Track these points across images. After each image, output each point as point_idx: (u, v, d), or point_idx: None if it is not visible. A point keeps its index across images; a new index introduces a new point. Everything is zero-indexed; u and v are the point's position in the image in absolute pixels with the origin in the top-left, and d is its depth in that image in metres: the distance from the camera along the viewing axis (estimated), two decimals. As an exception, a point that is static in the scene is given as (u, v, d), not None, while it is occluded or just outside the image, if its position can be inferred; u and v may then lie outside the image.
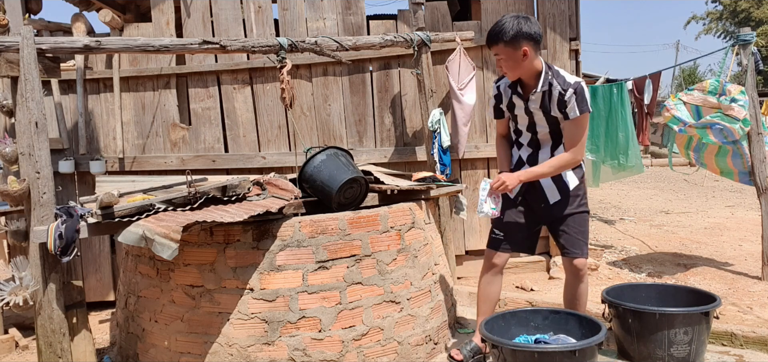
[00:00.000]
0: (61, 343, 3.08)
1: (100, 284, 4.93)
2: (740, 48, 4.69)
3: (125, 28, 4.99)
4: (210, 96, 5.01)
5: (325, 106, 4.98)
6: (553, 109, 3.02)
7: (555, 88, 2.98)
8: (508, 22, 2.92)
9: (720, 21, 29.61)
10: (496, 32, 2.94)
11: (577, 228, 3.16)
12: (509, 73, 3.03)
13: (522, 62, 2.95)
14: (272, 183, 3.49)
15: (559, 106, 2.99)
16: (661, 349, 3.11)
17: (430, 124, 4.44)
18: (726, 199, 9.41)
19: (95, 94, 5.03)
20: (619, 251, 5.89)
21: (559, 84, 2.99)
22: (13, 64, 3.12)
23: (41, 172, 3.06)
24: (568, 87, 2.97)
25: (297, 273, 3.03)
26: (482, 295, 3.35)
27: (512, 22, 2.91)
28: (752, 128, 4.51)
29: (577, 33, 4.79)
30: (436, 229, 3.83)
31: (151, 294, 3.28)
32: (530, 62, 2.96)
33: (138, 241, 2.71)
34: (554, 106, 3.01)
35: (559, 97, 2.98)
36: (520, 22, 2.90)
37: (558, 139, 3.13)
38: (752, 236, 6.16)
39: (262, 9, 4.90)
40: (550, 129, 3.10)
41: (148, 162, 5.00)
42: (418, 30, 4.50)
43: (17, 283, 3.03)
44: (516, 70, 3.00)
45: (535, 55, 2.97)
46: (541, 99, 3.03)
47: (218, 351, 3.01)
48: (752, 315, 3.86)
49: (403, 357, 3.22)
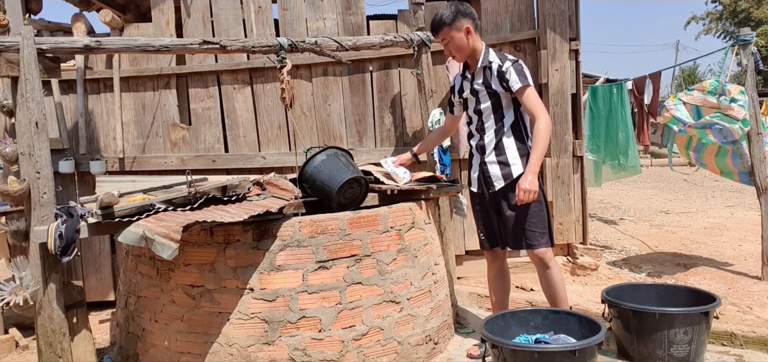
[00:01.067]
0: (62, 343, 3.09)
1: (100, 284, 4.93)
2: (740, 48, 4.69)
3: (125, 28, 4.99)
4: (210, 96, 5.01)
5: (325, 106, 4.98)
6: (494, 83, 3.24)
7: (494, 63, 3.24)
8: (445, 9, 3.25)
9: (720, 21, 29.60)
10: (438, 20, 3.26)
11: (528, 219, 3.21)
12: (457, 54, 3.32)
13: (467, 41, 3.24)
14: (272, 184, 3.49)
15: (500, 80, 3.22)
16: (661, 349, 3.12)
17: (430, 124, 4.43)
18: (726, 199, 9.41)
19: (95, 94, 5.03)
20: (619, 251, 5.89)
21: (498, 59, 3.25)
22: (14, 64, 3.12)
23: (41, 172, 3.06)
24: (506, 60, 3.23)
25: (297, 273, 3.03)
26: (490, 290, 3.59)
27: (449, 7, 3.25)
28: (752, 128, 4.51)
29: (577, 33, 4.79)
30: (436, 229, 3.83)
31: (151, 294, 3.28)
32: (474, 40, 3.26)
33: (138, 241, 2.71)
34: (495, 81, 3.23)
35: (498, 71, 3.22)
36: (457, 5, 3.25)
37: (499, 115, 3.28)
38: (752, 236, 6.17)
39: (262, 9, 4.90)
40: (491, 104, 3.27)
41: (148, 162, 5.00)
42: (418, 30, 4.50)
43: (17, 283, 3.03)
44: (463, 51, 3.28)
45: (476, 34, 3.28)
46: (482, 75, 3.28)
47: (218, 351, 3.01)
48: (752, 315, 3.86)
49: (403, 357, 3.22)
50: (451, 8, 3.25)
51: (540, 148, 3.11)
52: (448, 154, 4.51)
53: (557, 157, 4.80)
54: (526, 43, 4.87)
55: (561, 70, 4.73)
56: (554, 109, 4.74)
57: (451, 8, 3.25)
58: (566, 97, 4.75)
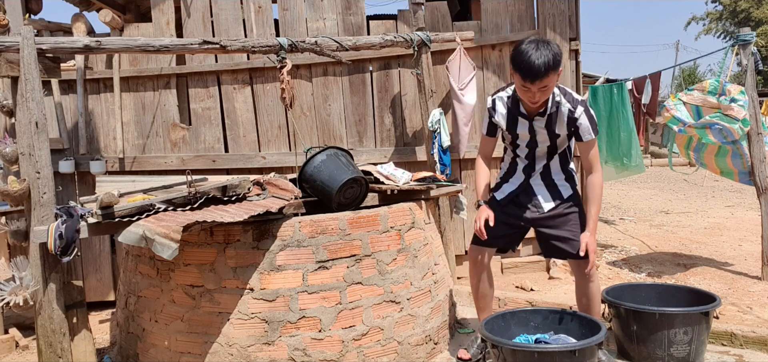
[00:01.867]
0: (62, 343, 3.08)
1: (100, 284, 4.93)
2: (740, 48, 4.69)
3: (125, 28, 4.99)
4: (210, 96, 5.01)
5: (325, 106, 4.98)
6: (560, 128, 2.99)
7: (563, 106, 2.95)
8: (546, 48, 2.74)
9: (720, 21, 29.59)
10: (547, 63, 2.71)
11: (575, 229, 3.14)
12: (542, 99, 2.87)
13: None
14: (272, 183, 3.49)
15: (569, 125, 2.97)
16: (661, 349, 3.11)
17: (430, 124, 4.44)
18: (726, 199, 9.41)
19: (95, 94, 5.03)
20: (619, 251, 5.89)
21: (567, 102, 2.95)
22: (14, 64, 3.12)
23: (41, 172, 3.06)
24: (577, 105, 2.94)
25: (297, 273, 3.03)
26: (479, 294, 3.41)
27: (547, 46, 2.75)
28: (752, 128, 4.51)
29: (577, 33, 4.79)
30: (436, 229, 3.83)
31: (151, 294, 3.28)
32: None
33: (138, 241, 2.71)
34: (563, 127, 2.98)
35: (569, 117, 2.94)
36: (549, 44, 2.77)
37: (553, 152, 3.12)
38: (752, 236, 6.16)
39: (262, 9, 4.90)
40: (550, 144, 3.07)
41: (148, 162, 5.00)
42: (418, 30, 4.50)
43: (17, 283, 3.03)
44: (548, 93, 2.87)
45: None
46: (547, 119, 2.98)
47: (218, 351, 3.01)
48: (752, 315, 3.86)
49: (403, 357, 3.22)
50: (551, 48, 2.75)
51: (598, 204, 3.02)
52: (448, 154, 4.52)
53: (557, 157, 4.79)
54: (526, 43, 4.87)
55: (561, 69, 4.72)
56: (554, 109, 4.74)
57: (551, 48, 2.75)
58: (566, 97, 4.74)
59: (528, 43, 2.77)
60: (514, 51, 2.82)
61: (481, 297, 3.39)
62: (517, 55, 2.78)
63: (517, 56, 2.77)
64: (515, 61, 2.80)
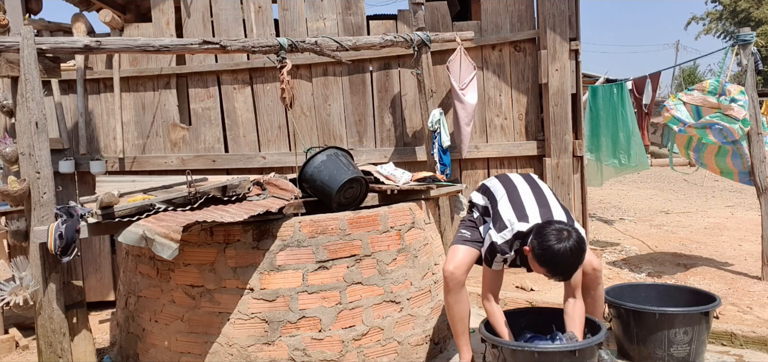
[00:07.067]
0: (62, 343, 3.09)
1: (100, 284, 4.93)
2: (740, 48, 4.69)
3: (125, 28, 4.99)
4: (210, 96, 5.01)
5: (325, 106, 4.98)
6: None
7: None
8: (579, 255, 2.66)
9: (720, 21, 29.58)
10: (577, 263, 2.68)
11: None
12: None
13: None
14: (272, 183, 3.49)
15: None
16: (661, 349, 3.12)
17: (430, 124, 4.44)
18: (726, 199, 9.41)
19: (95, 94, 5.03)
20: (619, 251, 5.89)
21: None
22: (14, 64, 3.12)
23: (41, 172, 3.06)
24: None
25: (297, 273, 3.03)
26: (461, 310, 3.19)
27: (579, 250, 2.66)
28: (752, 128, 4.51)
29: (577, 33, 4.79)
30: (436, 229, 3.83)
31: (151, 294, 3.28)
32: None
33: (138, 241, 2.71)
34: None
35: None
36: (579, 240, 2.68)
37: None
38: (752, 236, 6.16)
39: (262, 9, 4.90)
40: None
41: (148, 162, 5.00)
42: (418, 30, 4.50)
43: (17, 283, 3.03)
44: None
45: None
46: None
47: (218, 351, 3.01)
48: (752, 315, 3.86)
49: (403, 357, 3.22)
50: (582, 250, 2.69)
51: (581, 325, 2.91)
52: (448, 154, 4.52)
53: (557, 157, 4.80)
54: (526, 43, 4.87)
55: (561, 70, 4.73)
56: (554, 109, 4.74)
57: (582, 250, 2.69)
58: (566, 97, 4.75)
59: (562, 249, 2.62)
60: (545, 251, 2.66)
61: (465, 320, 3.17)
62: (551, 261, 2.67)
63: (552, 261, 2.66)
64: (550, 264, 2.68)
